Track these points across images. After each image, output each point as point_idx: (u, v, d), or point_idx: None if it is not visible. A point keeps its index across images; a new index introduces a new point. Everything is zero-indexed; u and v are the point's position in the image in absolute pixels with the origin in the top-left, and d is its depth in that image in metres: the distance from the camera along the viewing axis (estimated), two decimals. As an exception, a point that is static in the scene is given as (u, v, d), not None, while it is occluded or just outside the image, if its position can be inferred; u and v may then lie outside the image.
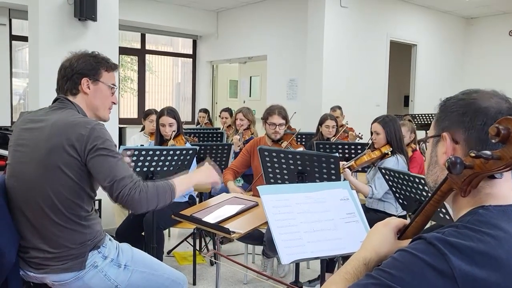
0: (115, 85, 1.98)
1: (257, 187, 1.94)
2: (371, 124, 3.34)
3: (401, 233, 1.05)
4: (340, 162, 3.21)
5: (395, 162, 3.15)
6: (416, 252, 0.84)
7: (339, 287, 0.92)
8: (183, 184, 1.94)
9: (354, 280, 0.93)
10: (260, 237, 3.21)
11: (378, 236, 1.04)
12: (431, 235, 0.86)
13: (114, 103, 2.01)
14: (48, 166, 1.75)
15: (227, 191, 3.57)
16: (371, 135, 3.33)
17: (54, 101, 1.92)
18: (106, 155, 1.74)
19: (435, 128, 1.02)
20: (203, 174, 2.05)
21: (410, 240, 0.92)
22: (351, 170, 3.19)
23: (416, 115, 6.72)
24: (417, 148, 4.28)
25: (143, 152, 2.73)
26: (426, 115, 6.90)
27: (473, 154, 0.84)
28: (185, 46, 9.37)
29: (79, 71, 1.87)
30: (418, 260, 0.83)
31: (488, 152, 0.83)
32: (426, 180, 1.07)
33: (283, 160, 2.83)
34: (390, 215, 3.19)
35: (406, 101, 8.76)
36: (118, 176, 1.73)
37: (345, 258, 3.02)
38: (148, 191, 1.77)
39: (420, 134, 6.72)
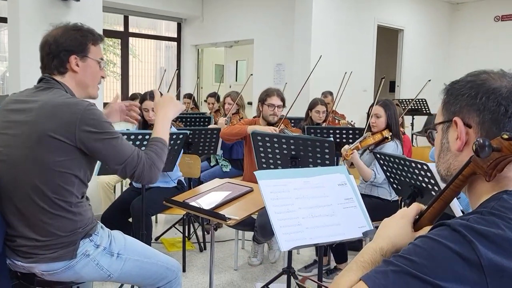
0: (103, 59, 1.88)
1: (254, 172, 1.89)
2: (370, 107, 3.28)
3: (417, 219, 1.00)
4: (346, 145, 3.17)
5: (395, 147, 3.11)
6: (440, 238, 0.79)
7: (357, 274, 0.87)
8: (165, 129, 1.91)
9: (370, 269, 0.89)
10: (251, 223, 3.17)
11: (395, 228, 0.99)
12: (455, 221, 0.81)
13: (103, 77, 1.91)
14: (36, 150, 1.65)
15: (220, 176, 3.51)
16: (368, 118, 3.27)
17: (40, 80, 1.80)
18: (106, 138, 1.69)
19: (444, 113, 0.98)
20: (172, 108, 1.96)
21: (430, 227, 0.87)
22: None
23: (404, 100, 6.72)
24: (405, 132, 4.29)
25: (132, 137, 2.64)
26: (413, 100, 6.91)
27: (506, 136, 0.79)
28: (169, 29, 9.18)
29: (66, 48, 1.76)
30: (442, 247, 0.78)
31: None
32: (437, 169, 1.02)
33: (276, 145, 2.78)
34: (384, 200, 3.18)
35: (392, 86, 8.76)
36: (125, 157, 1.71)
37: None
38: (154, 162, 1.78)
39: (407, 119, 6.73)
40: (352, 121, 4.98)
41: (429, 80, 5.77)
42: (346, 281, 0.86)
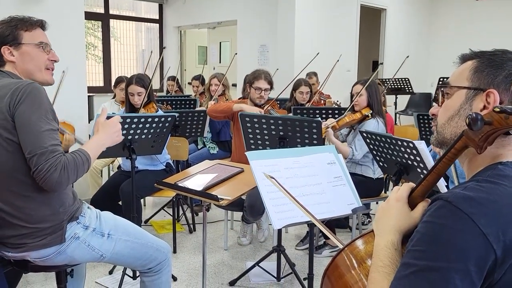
0: (43, 42, 1.81)
1: (246, 152, 1.91)
2: (353, 86, 3.32)
3: (410, 193, 1.04)
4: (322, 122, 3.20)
5: (376, 125, 3.16)
6: (441, 220, 0.82)
7: (384, 285, 0.88)
8: (95, 152, 1.78)
9: (393, 271, 0.90)
10: (240, 204, 3.21)
11: (394, 215, 0.99)
12: (453, 195, 0.84)
13: (55, 61, 1.85)
14: None
15: (207, 158, 3.53)
16: (351, 97, 3.32)
17: None
18: (31, 119, 1.59)
19: (473, 79, 0.97)
20: (109, 137, 1.85)
21: (428, 203, 0.91)
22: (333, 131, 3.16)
23: (386, 80, 6.79)
24: (387, 111, 4.35)
25: (120, 120, 2.62)
26: (396, 79, 6.98)
27: (498, 109, 0.82)
28: (150, 10, 9.03)
29: None
30: (445, 228, 0.81)
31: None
32: (438, 130, 1.03)
33: (264, 126, 2.80)
34: (368, 178, 3.24)
35: (375, 66, 8.81)
36: (40, 148, 1.58)
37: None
38: (69, 168, 1.62)
39: (390, 99, 6.80)
40: (338, 101, 5.02)
41: (407, 57, 5.81)
42: None
